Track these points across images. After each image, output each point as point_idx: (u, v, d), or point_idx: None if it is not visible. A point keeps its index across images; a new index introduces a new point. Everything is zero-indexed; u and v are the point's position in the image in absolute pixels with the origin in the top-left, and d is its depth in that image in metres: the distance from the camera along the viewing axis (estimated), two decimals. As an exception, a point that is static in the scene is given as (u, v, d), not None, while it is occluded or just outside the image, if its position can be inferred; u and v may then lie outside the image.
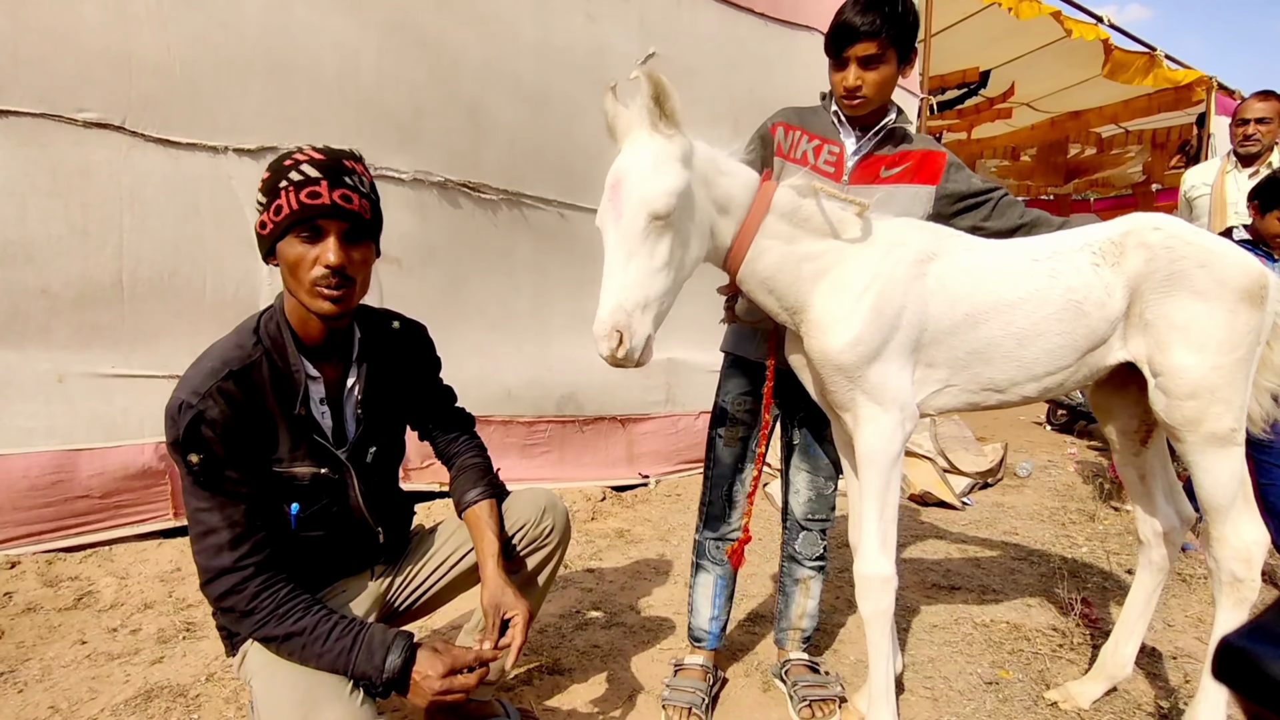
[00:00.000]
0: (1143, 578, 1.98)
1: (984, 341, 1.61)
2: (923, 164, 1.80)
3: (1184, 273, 1.56)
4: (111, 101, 2.67)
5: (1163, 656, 2.28)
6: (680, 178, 1.40)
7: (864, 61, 1.69)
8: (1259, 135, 3.45)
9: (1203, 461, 1.62)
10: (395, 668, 1.27)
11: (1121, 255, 1.61)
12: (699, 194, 1.46)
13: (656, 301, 1.39)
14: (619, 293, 1.36)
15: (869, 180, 1.80)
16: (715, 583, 2.05)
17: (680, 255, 1.43)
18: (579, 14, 3.77)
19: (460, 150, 3.46)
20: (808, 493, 2.02)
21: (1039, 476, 4.90)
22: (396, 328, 1.64)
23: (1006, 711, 1.97)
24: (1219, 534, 1.64)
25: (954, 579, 2.94)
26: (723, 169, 1.53)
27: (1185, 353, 1.56)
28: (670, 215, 1.38)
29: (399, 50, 3.24)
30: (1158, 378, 1.61)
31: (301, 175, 1.29)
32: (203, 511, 1.28)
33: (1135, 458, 1.94)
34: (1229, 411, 1.57)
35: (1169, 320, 1.58)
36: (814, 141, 1.83)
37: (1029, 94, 8.36)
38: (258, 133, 2.94)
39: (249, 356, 1.35)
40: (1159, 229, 1.61)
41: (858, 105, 1.75)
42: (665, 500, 4.00)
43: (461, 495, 1.65)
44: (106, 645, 2.15)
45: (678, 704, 1.89)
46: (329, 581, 1.56)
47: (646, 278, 1.38)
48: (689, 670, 2.01)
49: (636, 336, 1.36)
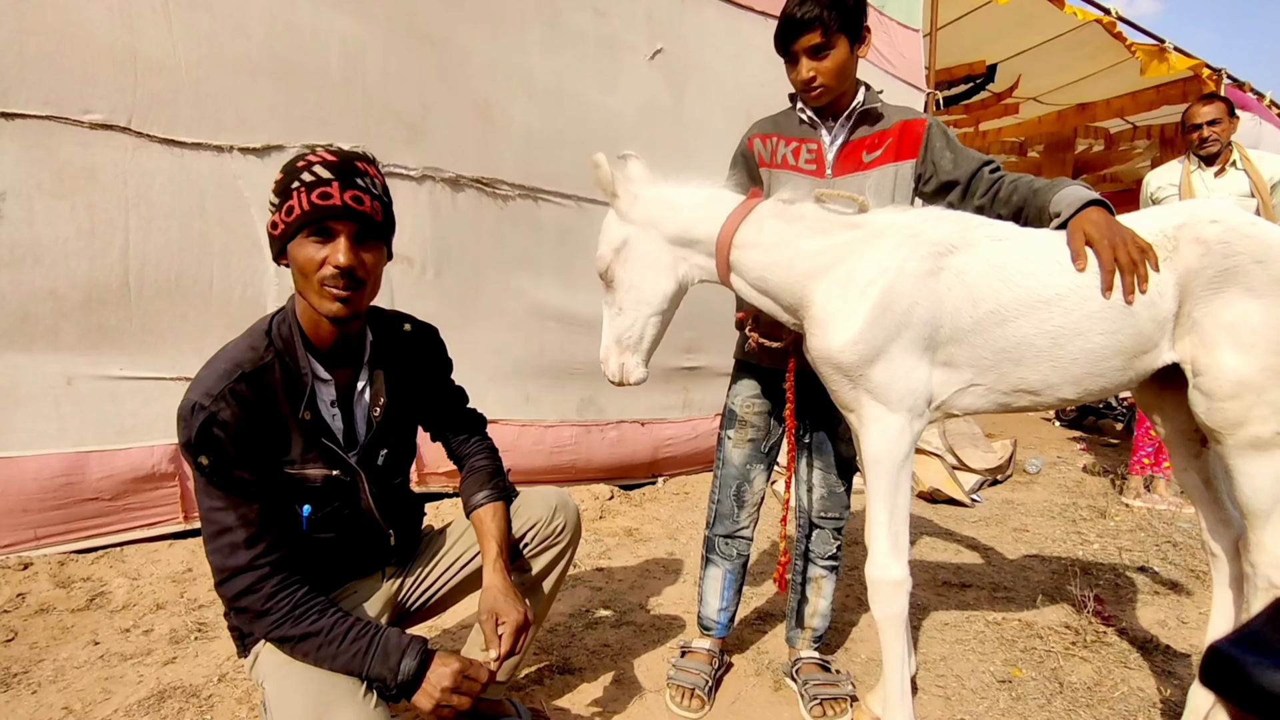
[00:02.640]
0: (1220, 599, 1.73)
1: (1013, 340, 1.52)
2: (903, 137, 1.76)
3: (1238, 268, 1.45)
4: (117, 102, 2.66)
5: (1176, 654, 2.26)
6: (615, 238, 1.70)
7: (812, 52, 1.69)
8: (1214, 136, 3.57)
9: (1243, 465, 1.50)
10: (410, 671, 1.27)
11: (1175, 250, 1.49)
12: (646, 239, 1.68)
13: (624, 336, 1.71)
14: (603, 335, 1.76)
15: (853, 169, 1.79)
16: (724, 577, 2.08)
17: (634, 296, 1.70)
18: (588, 10, 3.76)
19: (471, 146, 3.44)
20: (820, 490, 2.01)
21: (1049, 473, 4.88)
22: (408, 330, 1.63)
23: (1020, 710, 1.95)
24: (1257, 539, 1.53)
25: (965, 576, 2.93)
26: (676, 206, 1.68)
27: (1231, 352, 1.45)
28: (608, 269, 1.70)
29: (405, 48, 3.23)
30: (1198, 377, 1.50)
31: (313, 176, 1.29)
32: (217, 511, 1.28)
33: (1195, 460, 1.76)
34: (1275, 415, 1.45)
35: (1217, 318, 1.47)
36: (792, 144, 1.83)
37: (1035, 88, 8.30)
38: (264, 132, 2.93)
39: (261, 358, 1.35)
40: (1216, 221, 1.49)
41: (818, 96, 1.74)
42: (674, 498, 3.99)
43: (469, 497, 1.65)
44: (119, 646, 2.16)
45: (681, 684, 1.96)
46: (341, 583, 1.56)
47: (611, 321, 1.74)
48: (695, 653, 2.07)
49: (612, 365, 1.74)
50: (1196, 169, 3.67)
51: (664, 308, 1.72)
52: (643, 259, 1.68)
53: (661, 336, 1.75)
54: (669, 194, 1.69)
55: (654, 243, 1.68)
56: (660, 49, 4.03)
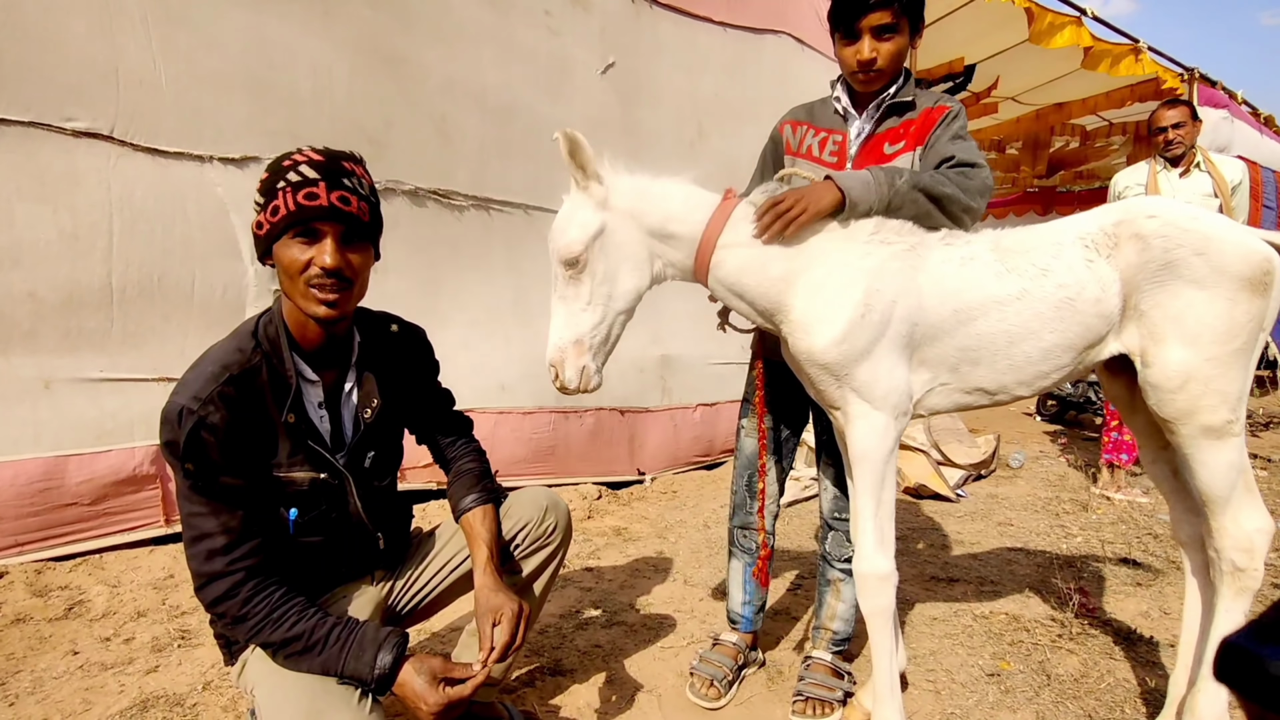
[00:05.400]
0: (1192, 587, 1.74)
1: (975, 340, 1.56)
2: (924, 124, 1.71)
3: (1179, 261, 1.48)
4: (99, 111, 2.69)
5: (1160, 645, 2.30)
6: (591, 224, 1.54)
7: (878, 31, 1.64)
8: (1179, 139, 3.69)
9: (1198, 454, 1.54)
10: (386, 665, 1.25)
11: (1115, 247, 1.54)
12: (625, 229, 1.57)
13: (588, 335, 1.56)
14: (553, 334, 1.57)
15: (874, 162, 1.74)
16: (744, 570, 2.09)
17: (607, 290, 1.57)
18: (541, 29, 3.86)
19: (429, 160, 3.53)
20: (834, 490, 1.97)
21: (1031, 467, 4.93)
22: (395, 331, 1.62)
23: (1009, 703, 1.97)
24: (1218, 525, 1.58)
25: (952, 571, 2.95)
26: (656, 198, 1.59)
27: (1178, 344, 1.49)
28: (581, 260, 1.53)
29: (369, 68, 3.34)
30: (1147, 369, 1.54)
31: (300, 176, 1.27)
32: (197, 516, 1.27)
33: (1164, 451, 1.78)
34: (1224, 404, 1.50)
35: (1163, 310, 1.50)
36: (820, 135, 1.81)
37: (1013, 88, 8.40)
38: (241, 144, 2.99)
39: (249, 360, 1.33)
40: (1154, 216, 1.53)
41: (871, 80, 1.70)
42: (662, 498, 3.99)
43: (458, 501, 1.64)
44: (99, 655, 2.12)
45: (702, 673, 1.97)
46: (329, 587, 1.54)
47: (573, 318, 1.56)
48: (723, 646, 2.08)
49: (569, 370, 1.55)
50: (1163, 170, 3.80)
51: (632, 307, 1.62)
52: (620, 250, 1.57)
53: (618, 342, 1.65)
54: (646, 184, 1.61)
55: (633, 234, 1.58)
56: (613, 63, 4.12)
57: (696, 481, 4.29)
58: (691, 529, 3.45)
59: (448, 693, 1.26)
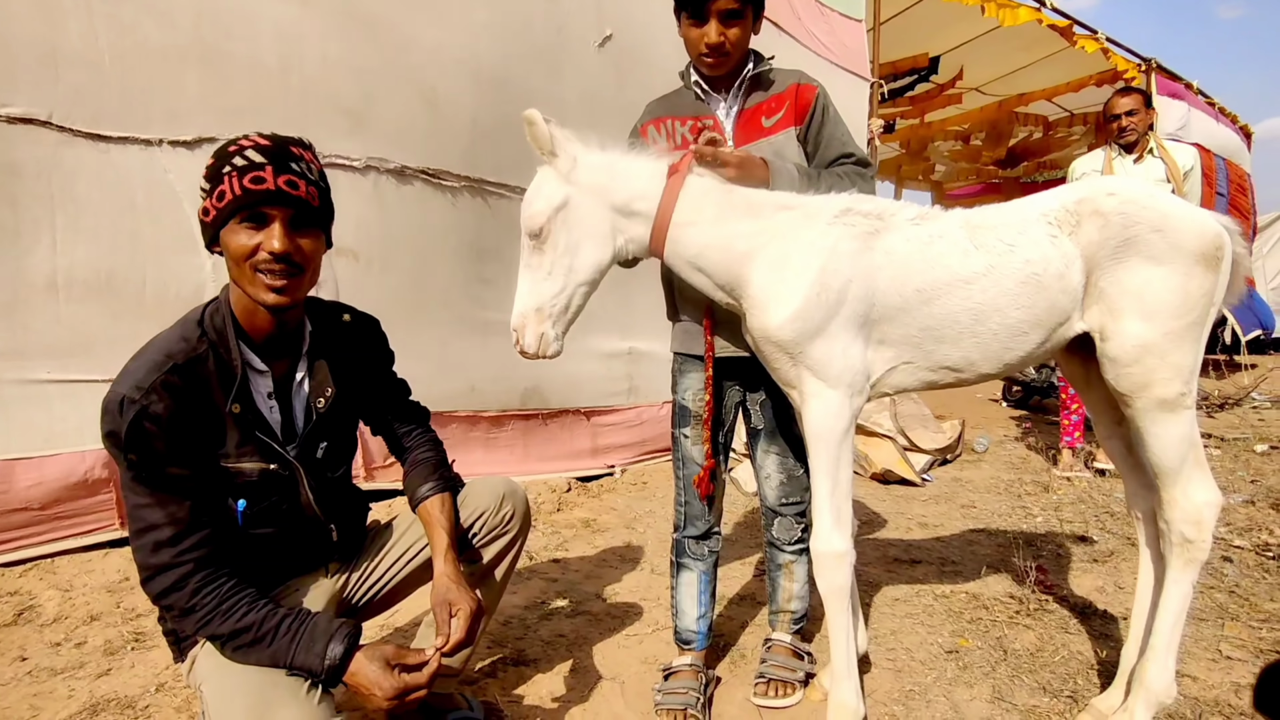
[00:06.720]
0: (1145, 560, 1.79)
1: (938, 318, 1.58)
2: (797, 101, 1.78)
3: (1138, 238, 1.52)
4: (37, 95, 2.55)
5: (1114, 619, 2.35)
6: (555, 196, 1.58)
7: (725, 16, 1.69)
8: (1132, 125, 3.83)
9: (1151, 427, 1.58)
10: (336, 656, 1.24)
11: (1077, 224, 1.57)
12: (588, 203, 1.60)
13: (549, 304, 1.59)
14: (517, 301, 1.61)
15: (754, 136, 1.79)
16: (699, 579, 1.98)
17: (568, 261, 1.59)
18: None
19: (417, 136, 3.38)
20: (779, 476, 1.97)
21: (995, 451, 5.02)
22: (348, 320, 1.60)
23: (966, 678, 2.00)
24: (1169, 497, 1.61)
25: (915, 553, 2.99)
26: (620, 172, 1.62)
27: (1136, 318, 1.53)
28: (544, 231, 1.57)
29: (345, 34, 3.16)
30: (1105, 343, 1.58)
31: (246, 160, 1.26)
32: (143, 508, 1.24)
33: (1118, 426, 1.82)
34: (1178, 376, 1.54)
35: (1121, 286, 1.54)
36: (688, 123, 1.82)
37: (977, 78, 8.53)
38: (195, 124, 2.83)
39: (194, 349, 1.30)
40: (1114, 194, 1.57)
41: (718, 64, 1.74)
42: (631, 489, 4.00)
43: (414, 491, 1.63)
44: (49, 660, 2.06)
45: (671, 707, 1.83)
46: (282, 580, 1.52)
47: (535, 286, 1.59)
48: (680, 672, 1.94)
49: (529, 335, 1.58)
50: (1118, 156, 3.93)
51: (594, 279, 1.64)
52: (582, 223, 1.59)
53: (580, 312, 1.67)
54: (613, 160, 1.63)
55: (597, 209, 1.60)
56: (610, 35, 4.01)
57: (666, 472, 4.29)
58: (660, 519, 3.46)
59: (403, 678, 1.25)
